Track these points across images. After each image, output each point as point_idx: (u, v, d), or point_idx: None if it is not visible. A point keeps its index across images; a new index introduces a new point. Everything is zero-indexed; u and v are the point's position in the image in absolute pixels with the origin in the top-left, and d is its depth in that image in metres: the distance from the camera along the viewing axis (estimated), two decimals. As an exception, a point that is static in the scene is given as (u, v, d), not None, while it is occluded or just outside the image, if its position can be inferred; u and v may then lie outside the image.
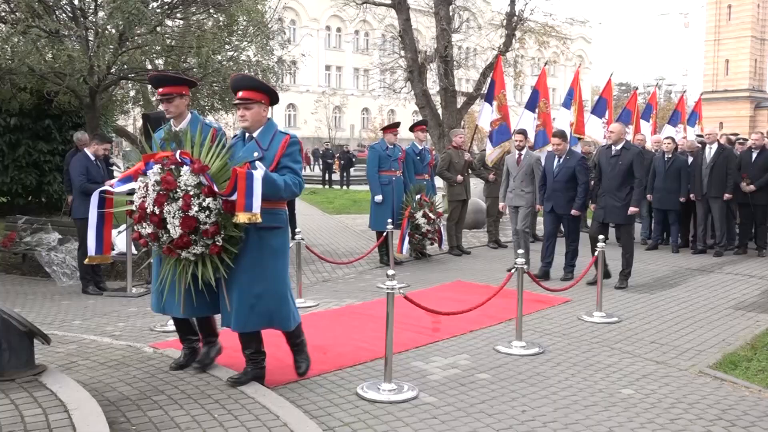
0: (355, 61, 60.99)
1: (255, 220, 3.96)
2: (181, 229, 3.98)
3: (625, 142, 7.91)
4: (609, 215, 7.84)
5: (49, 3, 9.27)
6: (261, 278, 4.26)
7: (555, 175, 8.28)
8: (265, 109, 4.38)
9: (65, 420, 3.52)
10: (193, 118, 4.70)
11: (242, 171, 3.95)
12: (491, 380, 4.76)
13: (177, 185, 3.99)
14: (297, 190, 4.32)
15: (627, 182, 7.71)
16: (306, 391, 4.47)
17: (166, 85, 4.65)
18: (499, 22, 15.83)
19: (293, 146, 4.32)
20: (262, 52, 11.17)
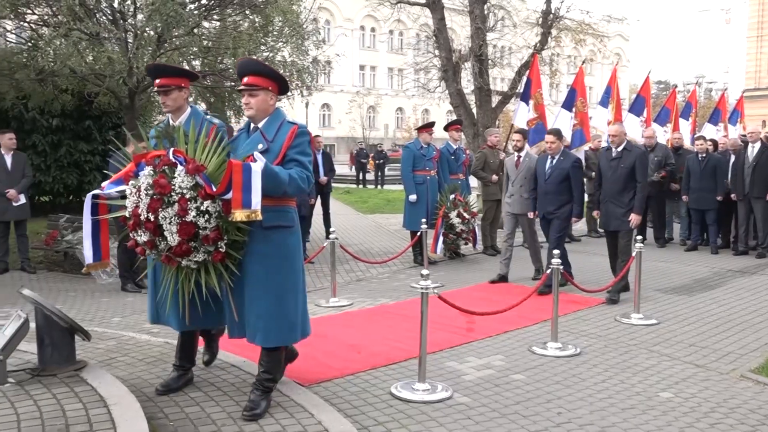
0: (389, 60, 60.98)
1: (255, 217, 3.60)
2: (179, 237, 3.61)
3: (626, 143, 7.37)
4: (611, 222, 7.30)
5: (90, 6, 9.45)
6: (269, 284, 3.88)
7: (546, 177, 7.58)
8: (272, 97, 4.03)
9: (105, 415, 3.59)
10: (193, 113, 4.37)
11: (237, 163, 3.61)
12: (526, 381, 4.72)
13: (171, 188, 3.61)
14: (304, 185, 3.92)
15: (629, 186, 7.16)
16: (340, 390, 4.49)
17: (163, 76, 4.34)
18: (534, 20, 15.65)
19: (301, 137, 3.96)
20: (297, 53, 11.24)
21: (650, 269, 7.99)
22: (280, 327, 3.90)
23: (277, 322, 3.89)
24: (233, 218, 3.60)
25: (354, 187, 26.17)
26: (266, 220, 3.77)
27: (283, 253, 3.95)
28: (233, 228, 3.72)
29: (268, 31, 10.70)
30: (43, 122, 12.20)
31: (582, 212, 7.64)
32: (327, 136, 41.87)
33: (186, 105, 4.40)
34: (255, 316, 3.87)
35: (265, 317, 3.87)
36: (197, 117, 4.29)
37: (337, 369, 4.88)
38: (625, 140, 7.38)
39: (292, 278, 3.98)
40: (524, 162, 8.22)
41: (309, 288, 8.23)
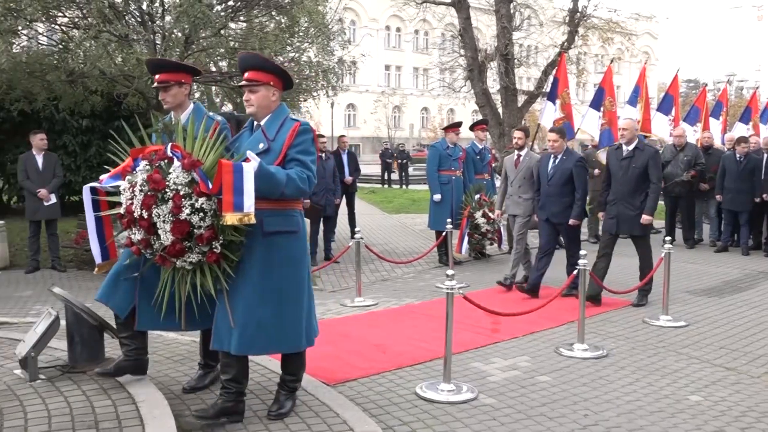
0: (414, 60, 60.96)
1: (248, 221, 3.39)
2: (173, 235, 3.44)
3: (637, 141, 6.93)
4: (622, 225, 6.85)
5: (119, 8, 9.58)
6: (271, 292, 3.67)
7: (549, 177, 7.16)
8: (274, 93, 3.80)
9: (133, 412, 3.64)
10: (195, 110, 4.21)
11: (228, 163, 3.40)
12: (552, 383, 4.68)
13: (166, 185, 3.45)
14: (304, 186, 3.65)
15: (641, 187, 6.74)
16: (365, 389, 4.49)
17: (163, 72, 4.18)
18: (561, 18, 15.55)
19: (303, 135, 3.72)
20: (323, 53, 11.29)
21: (679, 270, 7.88)
22: (282, 335, 3.72)
23: (277, 331, 3.70)
24: (224, 221, 3.39)
25: (379, 186, 26.19)
26: (268, 225, 3.63)
27: (287, 259, 3.73)
28: (229, 228, 3.49)
29: (294, 32, 10.76)
30: (74, 123, 12.39)
31: (583, 214, 7.13)
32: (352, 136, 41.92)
33: (187, 101, 4.25)
34: (256, 324, 3.64)
35: (266, 326, 3.66)
36: (199, 113, 4.14)
37: (362, 369, 4.89)
38: (637, 137, 6.97)
39: (296, 287, 3.78)
40: (524, 161, 7.78)
41: (334, 288, 8.36)
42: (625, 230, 6.90)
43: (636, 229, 6.81)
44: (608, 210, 6.99)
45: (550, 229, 7.30)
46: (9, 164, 11.71)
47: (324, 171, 9.83)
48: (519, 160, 7.82)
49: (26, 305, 6.89)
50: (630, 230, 6.87)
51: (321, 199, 9.75)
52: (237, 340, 3.60)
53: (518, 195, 7.77)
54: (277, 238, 3.69)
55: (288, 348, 3.81)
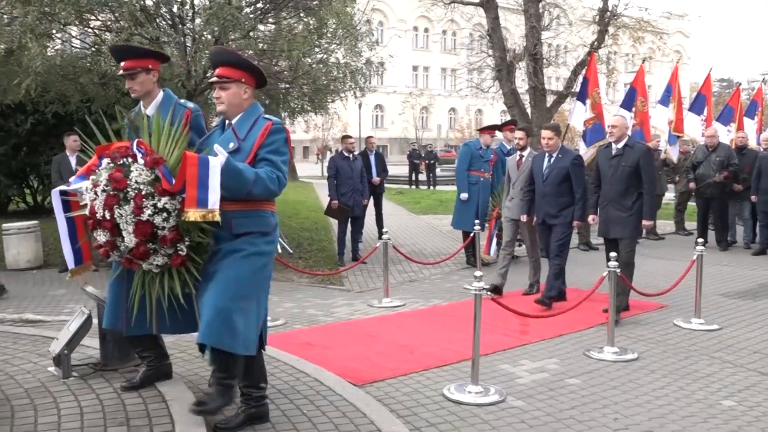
0: (442, 61, 60.85)
1: (212, 218, 3.22)
2: (136, 237, 3.26)
3: (627, 138, 6.52)
4: (612, 228, 6.45)
5: (150, 12, 9.71)
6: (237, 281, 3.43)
7: (544, 177, 6.86)
8: (246, 91, 3.60)
9: (163, 410, 3.68)
10: (165, 98, 4.02)
11: (193, 156, 3.23)
12: (582, 386, 4.64)
13: (127, 183, 3.25)
14: (274, 187, 3.45)
15: (632, 188, 6.33)
16: (393, 390, 4.49)
17: (128, 58, 3.95)
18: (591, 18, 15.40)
19: (275, 135, 3.51)
20: (351, 54, 11.30)
21: (712, 273, 7.74)
22: (222, 326, 3.35)
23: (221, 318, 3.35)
24: (186, 218, 3.21)
25: (406, 187, 26.19)
26: (238, 226, 3.47)
27: (253, 254, 3.49)
28: (195, 229, 3.32)
29: (322, 33, 10.80)
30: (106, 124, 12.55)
31: (584, 215, 6.82)
32: (380, 136, 41.99)
33: (156, 89, 4.05)
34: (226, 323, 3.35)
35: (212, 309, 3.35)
36: (169, 101, 3.97)
37: (389, 369, 4.89)
38: (627, 135, 6.57)
39: (253, 285, 3.50)
40: (526, 162, 7.45)
41: (362, 288, 8.37)
42: (615, 233, 6.45)
43: (626, 231, 6.38)
44: (600, 213, 6.61)
45: (547, 231, 6.99)
46: (43, 165, 11.93)
47: (352, 172, 9.87)
48: (521, 161, 7.57)
49: (60, 304, 7.02)
50: (620, 234, 6.42)
51: (349, 199, 9.78)
52: (204, 329, 3.35)
53: (520, 198, 7.47)
54: (246, 238, 3.50)
55: (222, 341, 3.38)
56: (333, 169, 9.96)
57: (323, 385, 4.40)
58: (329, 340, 5.68)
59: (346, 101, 13.04)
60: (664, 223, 12.94)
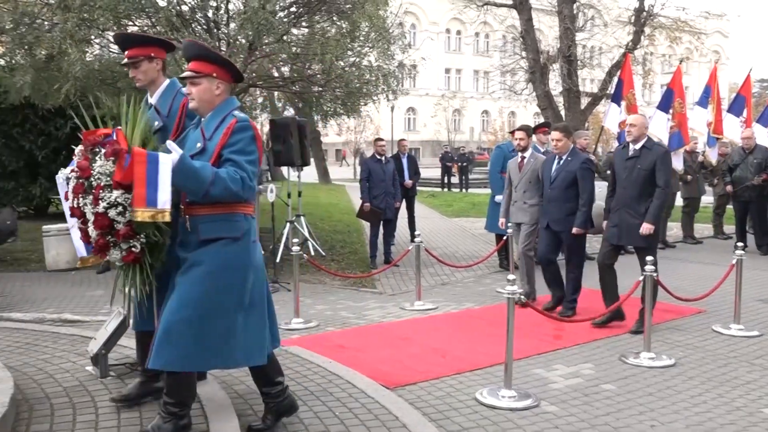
0: (475, 63, 60.65)
1: (161, 219, 3.07)
2: (95, 229, 3.15)
3: (646, 139, 6.07)
4: (625, 236, 6.00)
5: (186, 17, 9.85)
6: (192, 299, 3.24)
7: (552, 180, 6.54)
8: (218, 86, 3.41)
9: (198, 410, 3.72)
10: (169, 86, 3.90)
11: (141, 152, 3.05)
12: (617, 392, 4.57)
13: (91, 173, 3.13)
14: (236, 188, 3.21)
15: (647, 192, 5.90)
16: (425, 393, 4.48)
17: (130, 47, 3.85)
18: (626, 18, 15.19)
19: (240, 133, 3.30)
20: (384, 57, 11.32)
21: (751, 278, 7.57)
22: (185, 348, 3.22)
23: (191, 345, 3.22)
24: (134, 217, 3.06)
25: (439, 190, 26.14)
26: (205, 231, 3.29)
27: (217, 263, 3.29)
28: (150, 226, 3.16)
29: (355, 37, 10.83)
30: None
31: (587, 223, 6.47)
32: (412, 139, 42.01)
33: (162, 77, 3.92)
34: (163, 332, 3.22)
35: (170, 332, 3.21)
36: (171, 89, 3.87)
37: (421, 372, 4.88)
38: (646, 135, 6.12)
39: (222, 296, 3.29)
40: (528, 164, 7.09)
41: (394, 291, 8.37)
42: (628, 241, 6.05)
43: (640, 239, 5.91)
44: (611, 218, 6.18)
45: (552, 237, 6.63)
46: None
47: (384, 174, 9.88)
48: (523, 163, 7.18)
49: (97, 304, 7.14)
50: (633, 241, 6.00)
51: (381, 202, 9.79)
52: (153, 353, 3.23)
53: (523, 201, 7.11)
54: (213, 245, 3.31)
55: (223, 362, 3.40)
56: (365, 172, 9.98)
57: (355, 387, 4.41)
58: (361, 343, 5.69)
59: (378, 104, 13.06)
60: (702, 226, 12.70)
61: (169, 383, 3.36)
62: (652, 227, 5.84)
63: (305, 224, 10.82)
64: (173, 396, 3.36)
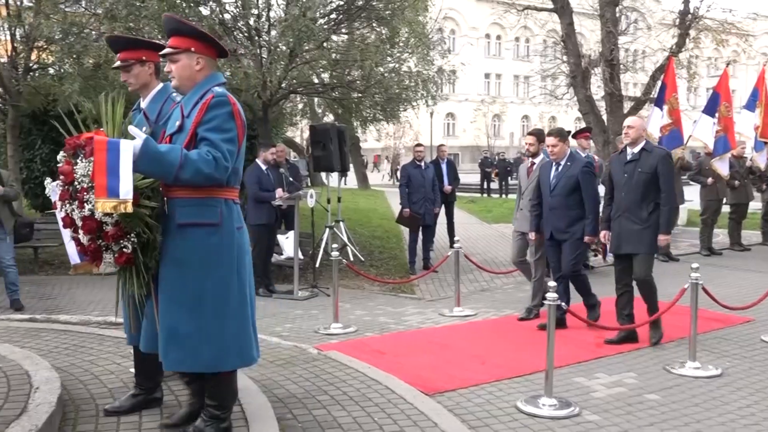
0: (515, 68, 60.18)
1: (124, 210, 2.90)
2: (84, 234, 3.07)
3: (645, 142, 5.78)
4: (624, 243, 5.70)
5: (228, 25, 10.02)
6: (185, 297, 3.15)
7: (552, 188, 6.22)
8: (198, 61, 3.24)
9: (239, 413, 3.76)
10: (160, 90, 3.77)
11: (101, 140, 2.90)
12: (661, 402, 4.47)
13: (74, 177, 3.04)
14: (209, 170, 3.02)
15: (649, 197, 5.59)
16: (464, 400, 4.45)
17: (121, 50, 3.75)
18: (670, 21, 14.92)
19: (216, 109, 3.10)
20: (423, 63, 11.35)
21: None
22: (197, 351, 3.15)
23: (193, 345, 3.14)
24: (96, 208, 2.93)
25: (478, 196, 25.99)
26: (182, 215, 3.16)
27: (201, 257, 3.16)
28: (141, 224, 3.06)
29: (395, 43, 10.89)
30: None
31: (597, 230, 6.14)
32: (451, 145, 41.88)
33: (155, 81, 3.80)
34: (167, 332, 3.16)
35: (180, 336, 3.14)
36: (162, 94, 3.74)
37: (460, 379, 4.85)
38: (644, 138, 5.83)
39: (216, 290, 3.18)
40: (537, 170, 6.73)
41: (433, 297, 8.34)
42: (628, 249, 5.71)
43: (641, 246, 5.63)
44: (612, 227, 5.86)
45: (557, 248, 6.31)
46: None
47: (423, 180, 9.87)
48: (532, 169, 6.83)
49: (141, 307, 7.28)
50: (633, 249, 5.67)
51: (420, 208, 9.78)
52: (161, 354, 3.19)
53: (529, 210, 6.71)
54: (193, 232, 3.17)
55: (205, 366, 3.20)
56: (405, 178, 9.99)
57: (394, 393, 4.41)
58: (400, 349, 5.68)
59: (417, 110, 13.08)
60: (750, 233, 12.37)
61: (210, 385, 3.33)
62: (668, 237, 5.65)
63: (344, 229, 10.87)
64: (214, 398, 3.33)
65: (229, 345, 3.21)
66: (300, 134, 34.88)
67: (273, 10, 10.16)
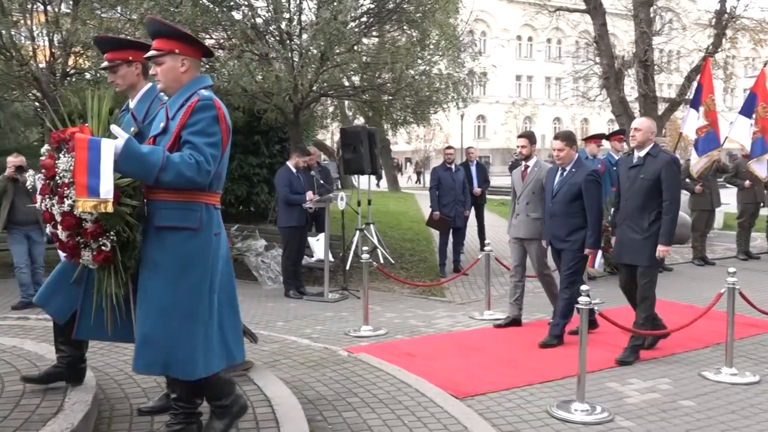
0: (546, 69, 59.72)
1: (104, 209, 2.86)
2: (63, 230, 3.02)
3: (652, 146, 5.42)
4: (624, 252, 5.44)
5: (260, 29, 10.11)
6: (159, 301, 3.07)
7: (554, 193, 5.96)
8: (184, 63, 3.19)
9: (269, 414, 3.79)
10: (148, 91, 3.72)
11: (83, 138, 2.86)
12: (696, 408, 4.39)
13: (56, 171, 3.02)
14: (191, 174, 2.97)
15: (651, 205, 5.28)
16: (494, 404, 4.42)
17: (108, 50, 3.71)
18: (706, 21, 14.68)
19: (201, 113, 3.06)
20: (454, 65, 11.32)
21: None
22: (172, 356, 3.06)
23: (167, 349, 3.06)
24: (77, 207, 2.90)
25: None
26: (161, 218, 3.10)
27: (179, 261, 3.08)
28: (121, 222, 3.01)
29: (425, 45, 10.87)
30: (218, 138, 13.12)
31: (599, 241, 5.92)
32: (482, 147, 41.71)
33: (142, 82, 3.74)
34: (141, 335, 3.09)
35: (150, 340, 3.06)
36: (150, 94, 3.71)
37: (491, 383, 4.82)
38: (653, 141, 5.43)
39: (188, 295, 3.09)
40: (532, 173, 6.45)
41: (463, 300, 8.31)
42: (629, 259, 5.42)
43: (641, 258, 5.32)
44: (616, 233, 5.57)
45: (555, 256, 6.08)
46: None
47: (453, 183, 9.84)
48: (527, 172, 6.51)
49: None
50: (634, 260, 5.37)
51: (450, 210, 9.75)
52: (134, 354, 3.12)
53: (526, 213, 6.40)
54: (171, 235, 3.10)
55: (179, 372, 3.10)
56: (435, 180, 9.97)
57: (424, 396, 4.40)
58: (430, 352, 5.67)
59: (448, 112, 13.04)
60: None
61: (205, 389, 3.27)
62: (668, 248, 5.29)
63: (375, 232, 10.88)
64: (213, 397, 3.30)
65: (197, 351, 3.10)
66: (330, 137, 35.05)
67: (304, 13, 10.23)
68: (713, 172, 10.37)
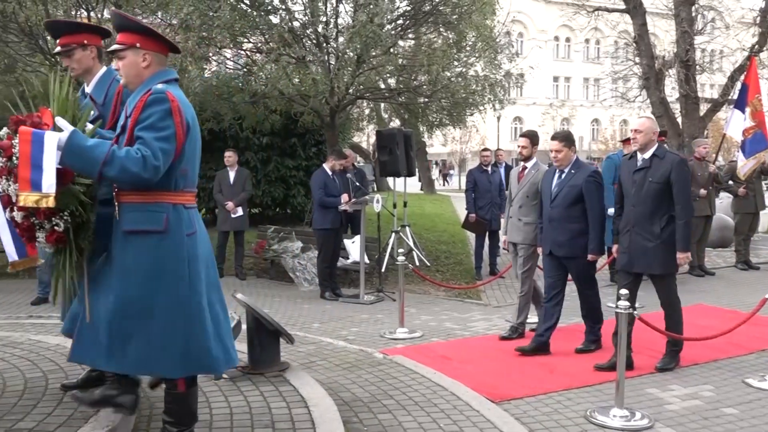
0: (584, 70, 58.98)
1: (46, 204, 2.78)
2: (18, 211, 2.92)
3: (657, 146, 5.14)
4: (636, 261, 5.10)
5: (297, 33, 10.20)
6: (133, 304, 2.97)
7: (553, 197, 5.62)
8: (145, 57, 3.09)
9: (305, 415, 3.81)
10: (104, 74, 3.68)
11: (26, 131, 2.79)
12: (740, 416, 4.28)
13: (13, 151, 2.90)
14: (137, 169, 2.84)
15: (661, 209, 5.00)
16: (531, 409, 4.38)
17: (62, 35, 3.65)
18: (751, 19, 14.33)
19: (153, 107, 2.94)
20: (490, 67, 11.26)
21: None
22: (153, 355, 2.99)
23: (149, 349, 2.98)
24: (19, 202, 2.82)
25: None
26: (126, 222, 3.00)
27: (147, 266, 2.99)
28: (74, 201, 2.93)
29: (462, 47, 10.84)
30: (255, 140, 13.29)
31: (602, 246, 5.62)
32: (518, 149, 41.36)
33: (97, 65, 3.69)
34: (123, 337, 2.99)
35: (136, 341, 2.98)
36: (107, 77, 3.66)
37: (528, 387, 4.77)
38: (656, 142, 5.14)
39: (164, 300, 2.99)
40: (529, 176, 6.12)
41: (499, 303, 8.24)
42: (640, 267, 5.13)
43: (655, 265, 5.06)
44: (620, 241, 5.27)
45: (556, 264, 5.69)
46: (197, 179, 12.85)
47: (490, 185, 9.78)
48: (524, 174, 6.21)
49: (212, 309, 7.46)
50: (646, 268, 5.11)
51: (486, 213, 9.70)
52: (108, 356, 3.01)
53: (518, 217, 6.12)
54: (137, 239, 3.00)
55: (162, 371, 3.07)
56: (471, 182, 9.93)
57: (460, 399, 4.38)
58: (466, 355, 5.64)
59: (484, 114, 12.97)
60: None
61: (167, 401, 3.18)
62: (687, 254, 5.02)
63: (410, 234, 10.87)
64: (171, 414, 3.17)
65: (176, 356, 3.00)
66: (366, 139, 35.14)
67: (341, 17, 10.29)
68: (758, 174, 10.11)
